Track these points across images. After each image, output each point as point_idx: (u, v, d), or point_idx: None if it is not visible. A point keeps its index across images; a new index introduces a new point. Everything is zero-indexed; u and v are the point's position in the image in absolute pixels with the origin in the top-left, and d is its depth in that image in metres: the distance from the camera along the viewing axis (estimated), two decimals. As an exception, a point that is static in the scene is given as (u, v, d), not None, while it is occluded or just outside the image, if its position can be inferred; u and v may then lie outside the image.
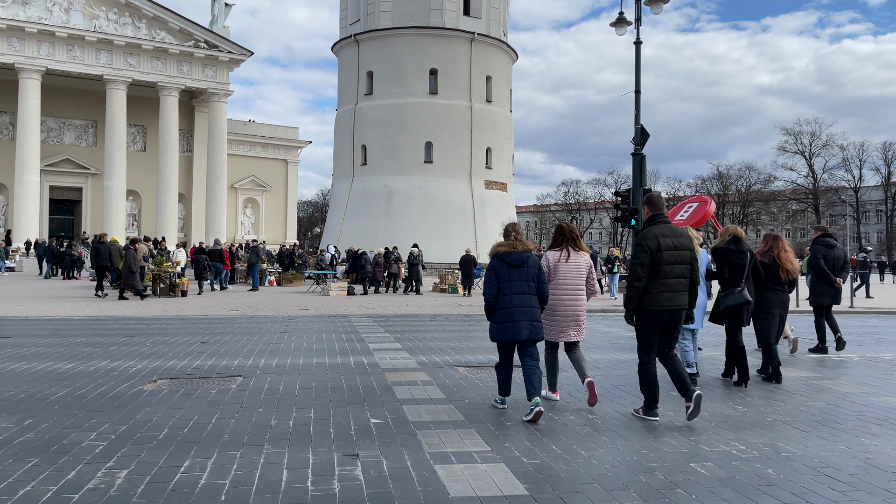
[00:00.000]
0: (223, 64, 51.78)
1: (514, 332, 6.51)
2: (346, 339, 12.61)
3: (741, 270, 8.28)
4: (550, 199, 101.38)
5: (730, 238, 8.48)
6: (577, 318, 7.09)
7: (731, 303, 8.21)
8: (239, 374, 8.79)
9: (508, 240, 6.74)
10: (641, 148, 20.98)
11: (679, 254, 6.37)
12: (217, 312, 17.87)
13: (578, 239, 7.23)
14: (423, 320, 16.86)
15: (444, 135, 38.64)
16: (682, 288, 6.39)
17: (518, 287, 6.53)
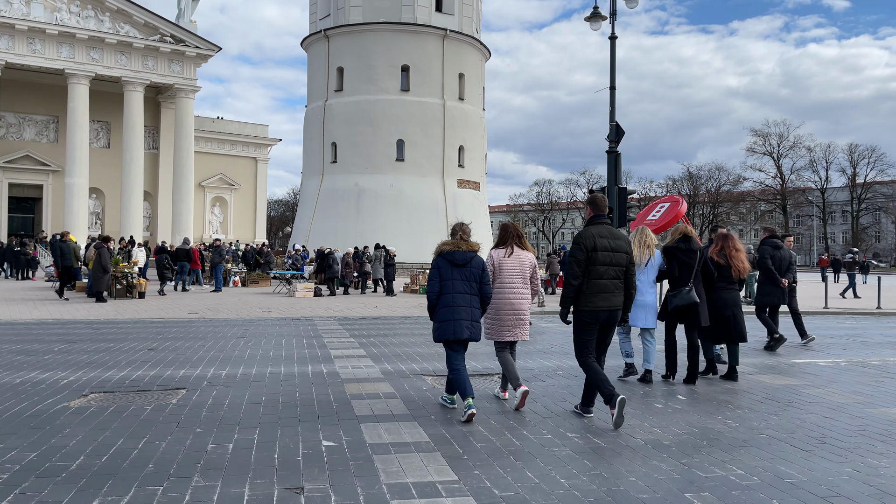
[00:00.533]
0: (190, 59, 50.46)
1: (455, 332, 6.45)
2: (307, 344, 11.79)
3: (690, 270, 8.20)
4: (523, 199, 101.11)
5: (680, 237, 8.39)
6: (520, 317, 6.98)
7: (678, 303, 8.14)
8: (182, 386, 7.95)
9: (454, 239, 6.65)
10: (616, 145, 20.39)
11: (615, 255, 6.33)
12: (174, 315, 16.92)
13: (523, 237, 7.14)
14: (391, 323, 16.07)
15: (416, 133, 37.84)
16: (617, 289, 6.37)
17: (461, 286, 6.48)
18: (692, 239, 8.38)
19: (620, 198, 20.06)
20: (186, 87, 49.91)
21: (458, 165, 39.26)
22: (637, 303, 8.08)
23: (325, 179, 38.83)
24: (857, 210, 78.51)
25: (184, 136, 49.60)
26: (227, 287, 26.59)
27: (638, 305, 8.16)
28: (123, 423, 6.22)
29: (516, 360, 7.37)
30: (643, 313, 8.34)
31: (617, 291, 6.38)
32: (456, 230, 6.75)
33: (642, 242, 8.31)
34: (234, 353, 10.62)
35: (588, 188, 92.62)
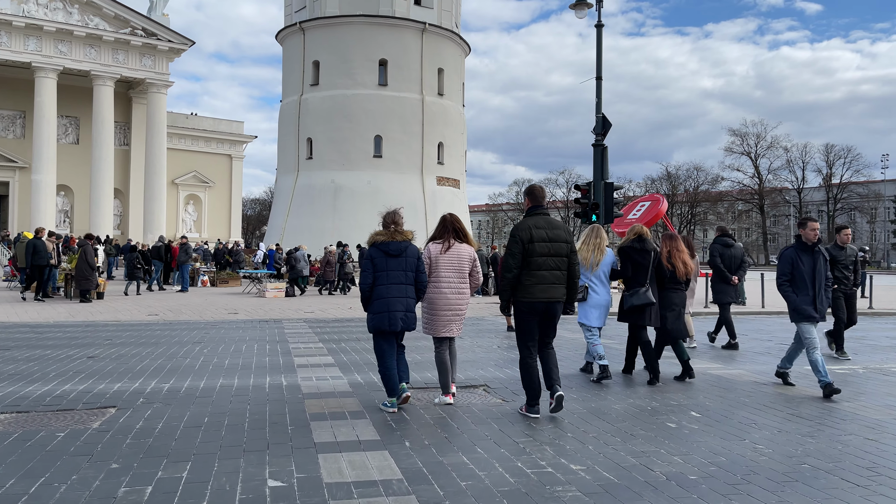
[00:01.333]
0: (162, 53, 48.78)
1: (390, 323, 6.34)
2: (270, 351, 10.54)
3: (644, 270, 8.13)
4: (503, 199, 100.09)
5: (634, 237, 8.28)
6: (458, 313, 6.81)
7: (634, 303, 8.06)
8: (112, 404, 6.70)
9: (388, 229, 6.50)
10: (603, 138, 19.35)
11: (553, 246, 6.23)
12: (131, 318, 15.57)
13: (462, 230, 6.88)
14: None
15: (394, 128, 36.57)
16: (557, 280, 6.26)
17: (395, 277, 6.37)
18: (647, 239, 8.25)
19: (607, 193, 19.01)
20: (158, 82, 48.26)
21: (437, 162, 38.06)
22: (592, 302, 8.11)
23: (301, 176, 37.42)
24: (833, 210, 78.45)
25: (156, 132, 47.93)
26: (195, 287, 25.18)
27: (593, 305, 8.15)
28: (23, 455, 4.98)
29: (456, 356, 7.20)
30: (597, 312, 8.25)
31: (557, 283, 6.26)
32: (388, 220, 6.56)
33: (595, 245, 8.15)
34: (185, 361, 9.35)
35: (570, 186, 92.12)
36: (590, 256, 8.10)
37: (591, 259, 8.10)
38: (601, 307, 8.25)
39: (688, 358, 8.36)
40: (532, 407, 6.35)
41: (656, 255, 8.28)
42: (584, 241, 8.24)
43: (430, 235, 7.09)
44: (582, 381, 8.23)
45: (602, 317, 8.29)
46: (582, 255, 8.06)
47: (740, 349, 11.47)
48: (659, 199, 32.05)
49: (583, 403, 7.01)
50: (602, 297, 8.20)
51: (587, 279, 8.15)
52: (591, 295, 8.13)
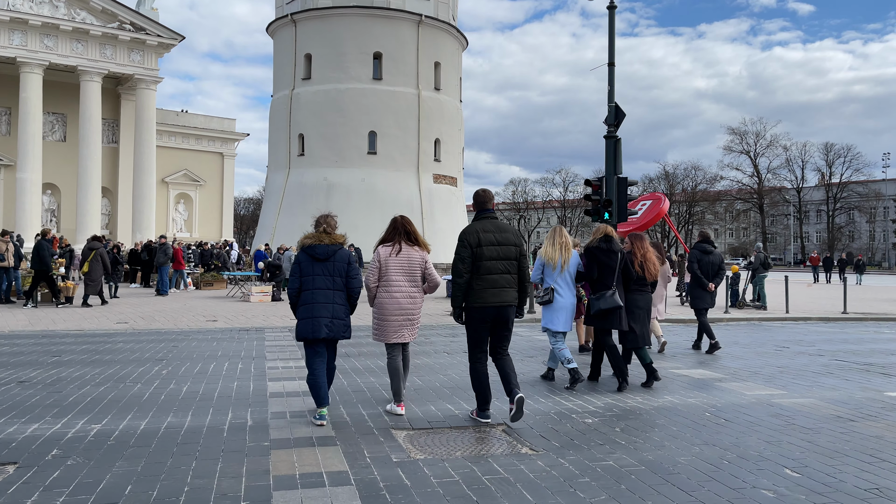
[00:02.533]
0: (151, 48, 47.05)
1: (312, 330, 6.05)
2: (242, 371, 8.82)
3: (611, 271, 7.82)
4: (499, 199, 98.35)
5: (601, 237, 7.94)
6: (410, 318, 6.53)
7: (602, 307, 7.75)
8: (14, 459, 4.98)
9: (317, 231, 6.24)
10: (616, 129, 17.66)
11: (502, 249, 6.13)
12: (97, 326, 13.83)
13: (414, 232, 6.61)
14: (356, 336, 13.12)
15: (388, 124, 34.78)
16: (508, 284, 6.13)
17: (322, 282, 6.09)
18: (613, 239, 7.94)
19: (620, 188, 17.33)
20: (147, 78, 46.51)
21: (433, 159, 36.28)
22: (557, 305, 7.75)
23: (292, 173, 35.61)
24: (833, 209, 76.93)
25: (145, 129, 46.20)
26: (177, 290, 23.40)
27: (559, 308, 7.77)
28: None
29: (410, 364, 6.90)
30: (564, 316, 7.82)
31: (508, 287, 6.13)
32: (320, 222, 6.30)
33: (561, 244, 7.78)
34: (134, 388, 7.61)
35: (565, 185, 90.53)
36: (556, 257, 7.73)
37: (559, 260, 7.73)
38: (567, 310, 7.84)
39: (650, 361, 8.04)
40: (483, 412, 6.25)
41: (623, 256, 7.95)
42: (550, 242, 7.86)
43: (380, 238, 6.64)
44: (549, 388, 6.71)
45: (568, 321, 7.87)
46: (548, 256, 7.78)
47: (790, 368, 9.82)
48: (660, 197, 30.45)
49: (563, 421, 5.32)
50: (568, 300, 7.81)
51: (553, 281, 7.78)
52: (557, 298, 7.76)
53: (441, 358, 10.27)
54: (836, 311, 19.17)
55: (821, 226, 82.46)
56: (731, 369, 9.42)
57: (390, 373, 6.55)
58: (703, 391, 7.83)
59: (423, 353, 10.82)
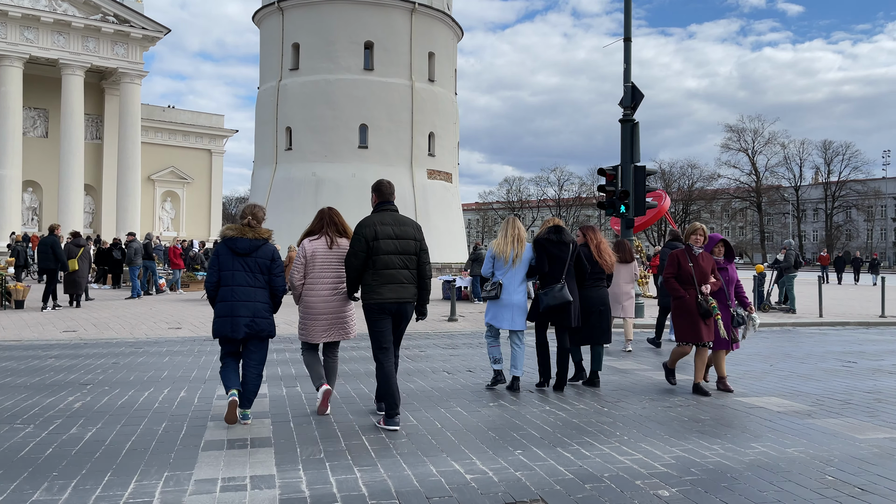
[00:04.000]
0: (135, 41, 44.95)
1: (232, 329, 5.57)
2: (181, 404, 6.64)
3: (561, 264, 7.27)
4: (493, 197, 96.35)
5: (550, 228, 7.44)
6: (340, 316, 6.04)
7: (550, 303, 7.14)
8: None
9: (241, 223, 5.77)
10: (632, 112, 15.53)
11: (401, 243, 5.78)
12: (40, 334, 11.65)
13: (342, 224, 6.15)
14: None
15: (380, 116, 32.53)
16: (406, 280, 5.79)
17: (242, 278, 5.62)
18: (564, 230, 7.47)
19: (637, 178, 15.19)
20: (132, 72, 44.45)
21: (427, 154, 34.06)
22: (503, 302, 7.28)
23: (279, 168, 33.30)
24: (832, 208, 75.01)
25: (129, 124, 44.13)
26: (151, 293, 21.14)
27: (504, 305, 7.29)
28: None
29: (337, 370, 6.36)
30: (510, 314, 7.32)
31: (407, 283, 5.78)
32: (245, 213, 5.85)
33: (514, 237, 7.31)
34: (17, 436, 5.40)
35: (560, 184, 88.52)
36: (508, 250, 7.24)
37: (510, 253, 7.24)
38: (515, 308, 7.31)
39: (580, 359, 7.79)
40: (391, 419, 5.71)
41: (575, 248, 7.44)
42: (502, 234, 7.39)
43: (305, 230, 6.24)
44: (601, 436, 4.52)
45: (516, 319, 7.31)
46: (499, 249, 7.29)
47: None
48: (661, 195, 28.46)
49: None
50: (516, 297, 7.29)
51: (502, 275, 7.28)
52: (505, 294, 7.26)
53: (440, 381, 8.12)
54: (872, 315, 17.12)
55: (818, 224, 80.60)
56: (810, 396, 7.31)
57: (306, 364, 6.08)
58: (798, 434, 5.70)
59: (418, 371, 8.68)
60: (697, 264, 7.23)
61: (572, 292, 7.32)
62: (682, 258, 7.29)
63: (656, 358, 10.14)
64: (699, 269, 7.21)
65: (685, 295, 7.16)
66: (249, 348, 5.77)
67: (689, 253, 7.31)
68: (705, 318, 7.08)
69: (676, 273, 7.29)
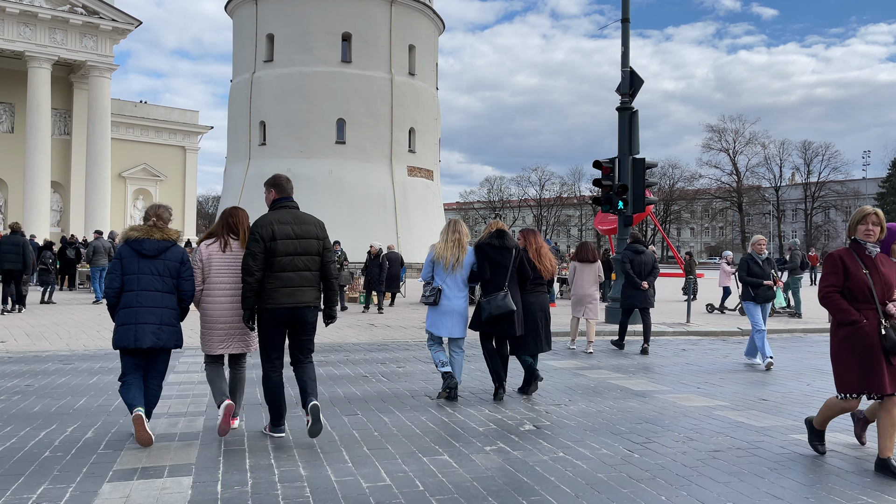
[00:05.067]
0: (105, 33, 43.00)
1: (135, 338, 5.09)
2: (90, 441, 5.02)
3: (504, 270, 6.92)
4: (474, 197, 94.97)
5: (493, 232, 7.06)
6: (240, 326, 5.45)
7: (493, 312, 6.77)
8: None
9: (147, 223, 5.37)
10: (631, 100, 14.10)
11: (301, 243, 5.27)
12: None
13: (237, 225, 5.50)
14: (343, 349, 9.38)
15: (359, 111, 30.89)
16: (306, 282, 5.30)
17: (148, 282, 5.19)
18: (507, 235, 7.07)
19: (636, 171, 13.74)
20: (101, 65, 42.50)
21: (408, 150, 32.48)
22: (443, 308, 6.86)
23: (252, 164, 31.54)
24: (811, 208, 74.44)
25: (98, 119, 42.18)
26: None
27: (444, 312, 6.87)
28: None
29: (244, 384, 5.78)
30: (450, 321, 6.89)
31: (307, 286, 5.29)
32: (149, 214, 5.44)
33: (455, 240, 6.86)
34: None
35: (541, 184, 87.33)
36: (448, 255, 6.85)
37: (451, 258, 6.85)
38: (455, 314, 6.95)
39: (530, 363, 7.24)
40: (277, 427, 5.44)
41: (518, 253, 7.13)
42: (443, 237, 7.01)
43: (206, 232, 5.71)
44: None
45: (456, 326, 6.95)
46: (438, 253, 6.88)
47: None
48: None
49: None
50: (456, 303, 6.93)
51: (442, 281, 6.89)
52: (444, 300, 6.88)
53: (420, 407, 6.58)
54: (882, 320, 15.86)
55: (797, 224, 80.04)
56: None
57: (208, 380, 5.48)
58: (894, 495, 4.24)
59: (396, 397, 7.13)
60: (877, 270, 4.74)
61: (515, 299, 6.95)
62: (850, 261, 4.76)
63: (616, 360, 9.48)
64: (881, 277, 4.73)
65: (860, 319, 4.64)
66: (153, 360, 5.29)
67: (861, 253, 4.78)
68: (891, 354, 4.58)
69: (841, 285, 4.77)
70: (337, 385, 7.71)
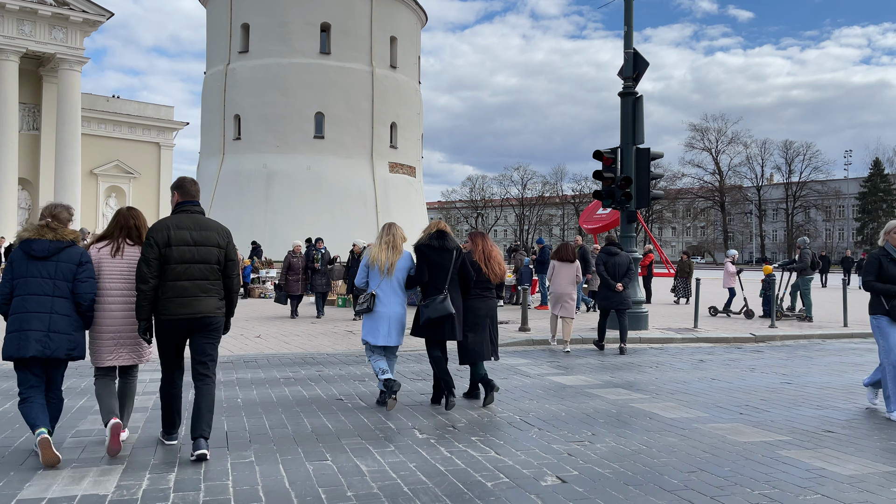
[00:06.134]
0: (76, 25, 41.24)
1: (18, 347, 4.65)
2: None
3: (444, 273, 6.47)
4: (456, 196, 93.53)
5: (433, 233, 6.59)
6: (131, 336, 5.07)
7: (431, 315, 6.38)
8: None
9: (40, 222, 4.99)
10: (635, 84, 12.73)
11: (200, 250, 4.89)
12: None
13: (138, 227, 5.14)
14: (259, 381, 7.86)
15: (338, 104, 29.31)
16: (203, 291, 4.89)
17: (36, 286, 4.75)
18: (447, 236, 6.59)
19: (640, 163, 12.36)
20: (71, 58, 40.69)
21: (389, 146, 30.94)
22: (379, 314, 6.41)
23: (227, 160, 29.83)
24: (793, 208, 73.84)
25: (68, 114, 40.39)
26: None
27: (380, 318, 6.41)
28: None
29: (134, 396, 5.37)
30: (385, 328, 6.43)
31: (204, 295, 4.89)
32: (44, 213, 5.03)
33: (388, 242, 6.48)
34: None
35: (524, 183, 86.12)
36: (383, 258, 6.40)
37: (385, 261, 6.40)
38: (391, 321, 6.42)
39: (484, 373, 6.63)
40: (169, 434, 5.11)
41: (460, 255, 6.58)
42: (377, 240, 6.57)
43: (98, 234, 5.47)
44: None
45: (393, 333, 6.44)
46: (372, 256, 6.46)
47: None
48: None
49: None
50: (392, 309, 6.43)
51: (377, 286, 6.41)
52: (379, 306, 6.37)
53: (410, 447, 5.12)
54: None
55: (778, 224, 79.49)
56: None
57: (97, 395, 4.99)
58: None
59: (380, 431, 5.65)
60: None
61: (456, 303, 6.56)
62: None
63: (626, 374, 8.39)
64: None
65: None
66: (49, 371, 4.86)
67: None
68: None
69: None
70: (305, 413, 6.23)
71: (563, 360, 9.73)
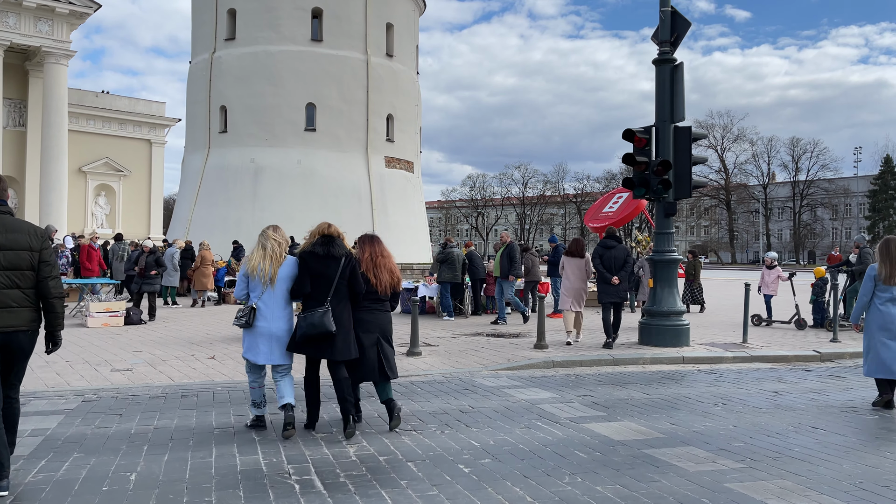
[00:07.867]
0: (62, 17, 39.30)
1: None
2: None
3: (327, 283, 5.65)
4: (456, 195, 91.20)
5: (317, 239, 5.73)
6: None
7: (307, 332, 5.52)
8: None
9: None
10: (673, 49, 10.35)
11: (7, 255, 4.36)
12: None
13: None
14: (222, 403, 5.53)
15: (331, 95, 27.00)
16: (14, 302, 4.34)
17: None
18: (335, 242, 5.72)
19: (680, 144, 9.95)
20: (57, 51, 38.72)
21: (385, 139, 28.62)
22: (259, 331, 5.63)
23: (212, 154, 27.49)
24: (800, 206, 71.40)
25: (54, 109, 38.40)
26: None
27: (261, 334, 5.63)
28: None
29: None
30: (267, 345, 5.66)
31: (15, 305, 4.35)
32: None
33: (268, 248, 5.65)
34: None
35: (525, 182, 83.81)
36: (266, 266, 5.60)
37: (267, 270, 5.60)
38: (274, 337, 5.65)
39: (389, 397, 5.87)
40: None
41: (349, 263, 5.72)
42: (258, 245, 5.72)
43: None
44: None
45: (276, 352, 5.67)
46: (251, 265, 5.65)
47: None
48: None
49: None
50: (275, 324, 5.65)
51: (258, 297, 5.64)
52: (260, 321, 5.59)
53: None
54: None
55: (784, 223, 77.12)
56: None
57: None
58: None
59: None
60: None
61: (341, 318, 5.58)
62: None
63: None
64: None
65: None
66: None
67: None
68: None
69: None
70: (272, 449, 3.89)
71: (595, 390, 7.39)
